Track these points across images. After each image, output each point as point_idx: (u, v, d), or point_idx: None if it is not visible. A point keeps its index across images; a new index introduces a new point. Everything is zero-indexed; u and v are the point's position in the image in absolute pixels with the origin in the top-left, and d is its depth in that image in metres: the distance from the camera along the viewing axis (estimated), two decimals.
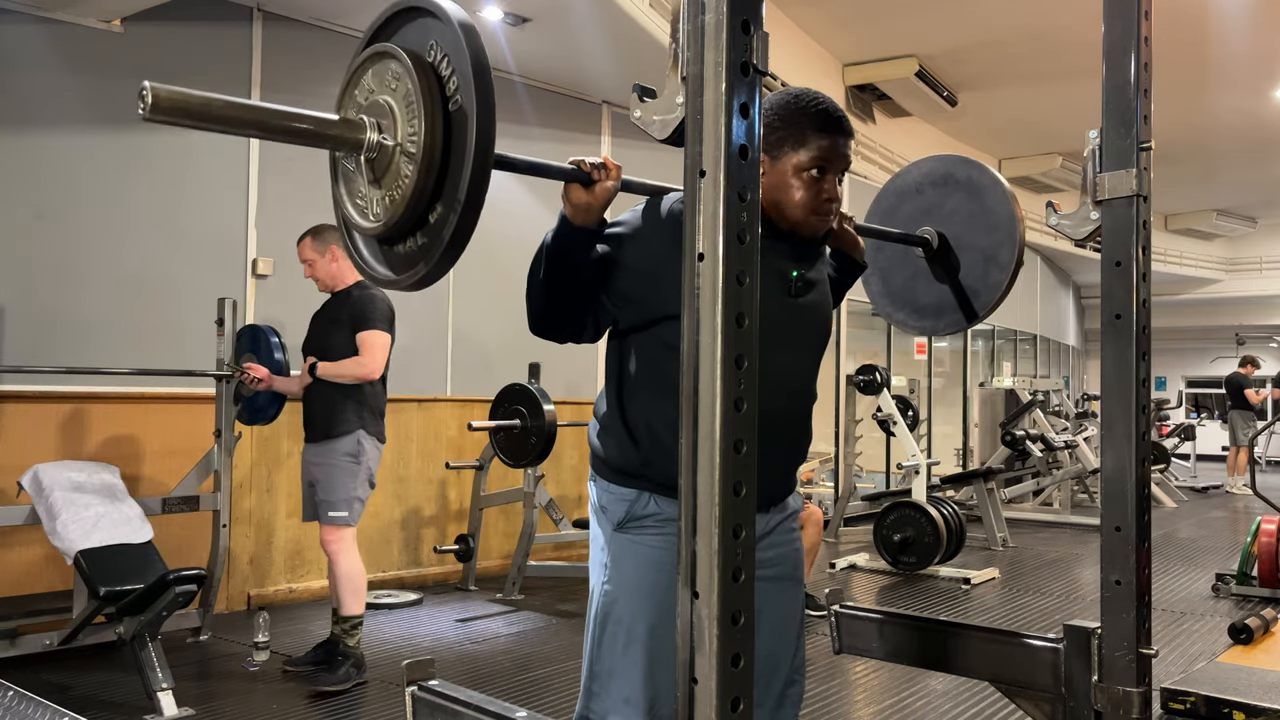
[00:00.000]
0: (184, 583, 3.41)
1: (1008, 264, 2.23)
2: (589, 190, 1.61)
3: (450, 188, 1.42)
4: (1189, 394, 20.33)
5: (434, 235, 1.45)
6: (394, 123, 1.46)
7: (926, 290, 2.36)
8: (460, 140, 1.40)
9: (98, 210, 4.75)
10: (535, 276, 1.70)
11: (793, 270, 1.79)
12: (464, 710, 1.85)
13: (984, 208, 2.27)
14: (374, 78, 1.51)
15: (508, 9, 5.51)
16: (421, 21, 1.48)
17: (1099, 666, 1.84)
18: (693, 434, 1.11)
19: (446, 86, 1.42)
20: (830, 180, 1.75)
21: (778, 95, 1.78)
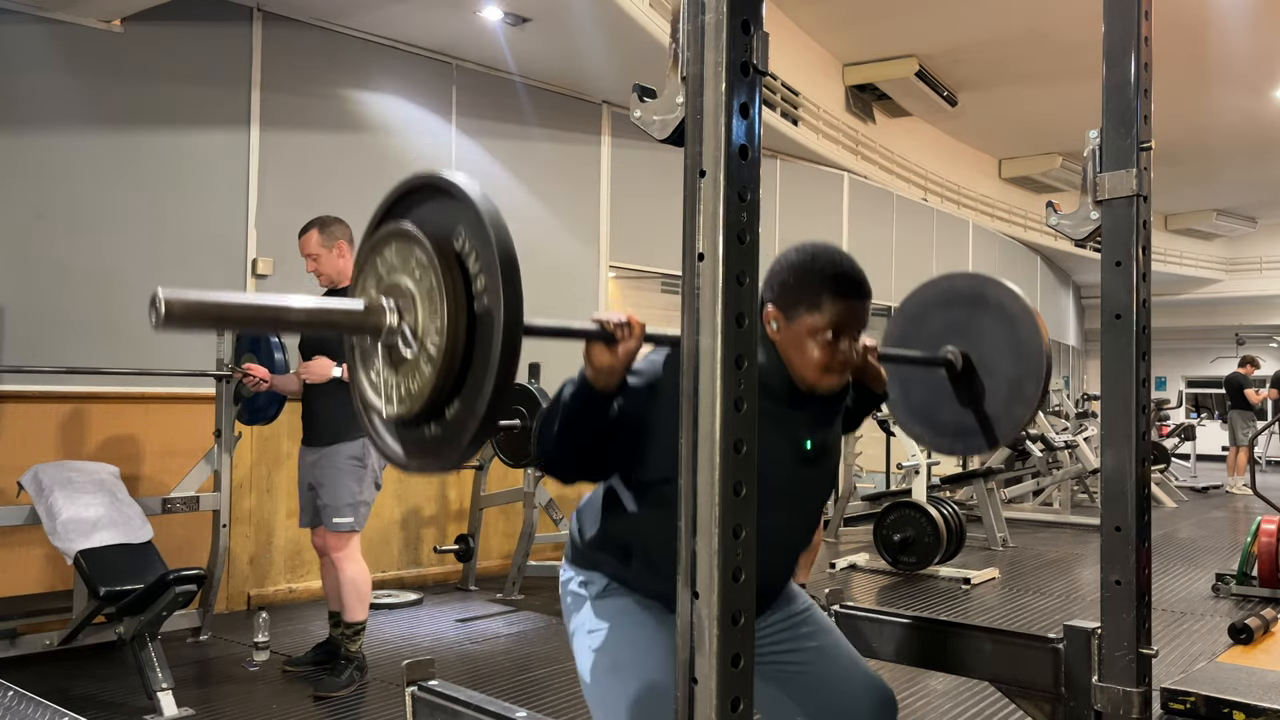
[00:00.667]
0: (184, 583, 3.41)
1: (1032, 399, 2.16)
2: (612, 351, 1.54)
3: (470, 390, 1.32)
4: (1189, 394, 20.32)
5: (449, 432, 1.36)
6: (415, 312, 1.35)
7: (946, 409, 2.28)
8: (485, 345, 1.29)
9: (98, 210, 4.75)
10: (549, 428, 1.65)
11: (808, 441, 1.79)
12: (464, 710, 1.86)
13: (1014, 337, 2.19)
14: (397, 255, 1.40)
15: (508, 9, 5.51)
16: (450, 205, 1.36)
17: (1099, 666, 1.84)
18: (693, 434, 1.11)
19: (473, 285, 1.31)
20: (846, 341, 1.72)
21: (795, 252, 1.74)
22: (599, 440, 1.65)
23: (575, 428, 1.62)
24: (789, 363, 1.73)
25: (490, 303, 1.28)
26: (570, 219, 6.97)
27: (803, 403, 1.77)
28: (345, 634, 3.83)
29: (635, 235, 7.34)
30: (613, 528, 1.79)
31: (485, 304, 1.29)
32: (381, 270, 1.41)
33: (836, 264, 1.72)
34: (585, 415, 1.61)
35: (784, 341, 1.73)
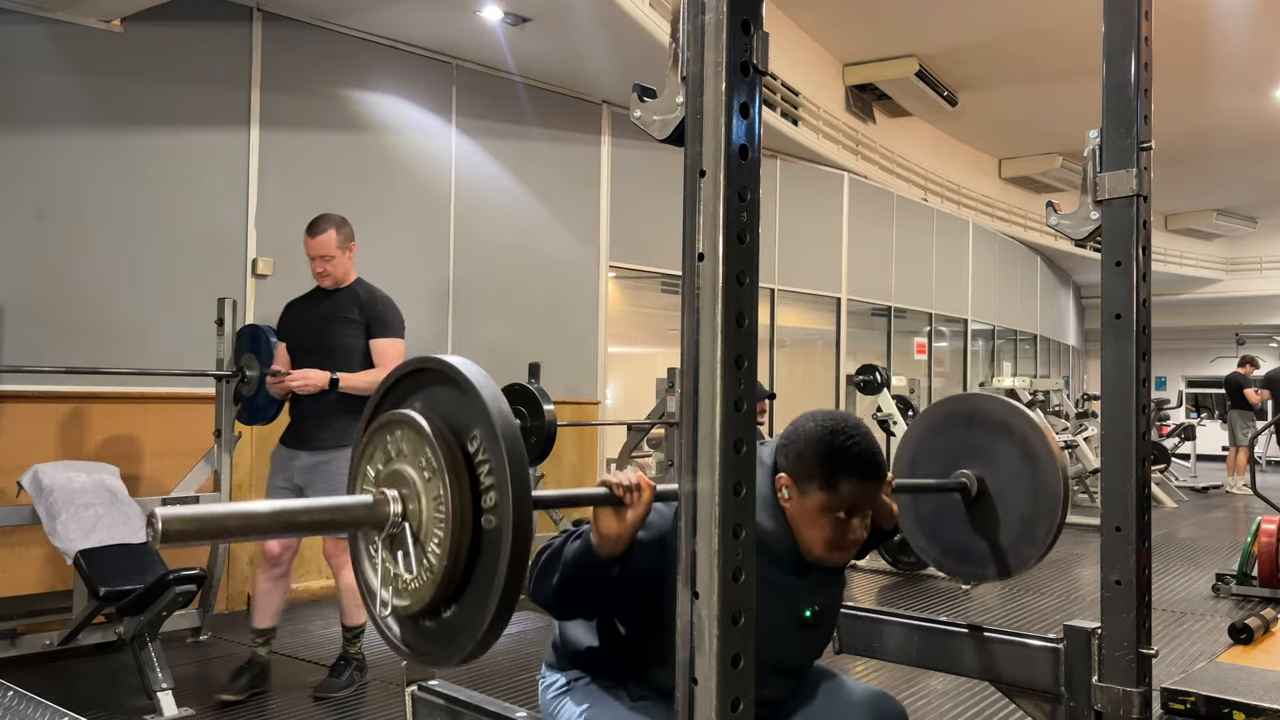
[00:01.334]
0: (184, 583, 3.41)
1: (1042, 542, 2.12)
2: (620, 517, 1.50)
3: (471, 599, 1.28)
4: (1189, 394, 20.32)
5: (447, 633, 1.32)
6: (419, 506, 1.31)
7: (955, 530, 2.25)
8: (489, 562, 1.25)
9: (98, 210, 4.75)
10: (547, 578, 1.62)
11: (808, 610, 1.78)
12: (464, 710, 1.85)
13: (1034, 475, 2.14)
14: (407, 444, 1.34)
15: (508, 9, 5.51)
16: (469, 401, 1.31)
17: (1099, 666, 1.84)
18: (693, 434, 1.11)
19: (483, 498, 1.27)
20: (858, 521, 1.71)
21: (814, 426, 1.71)
22: (598, 597, 1.63)
23: (575, 586, 1.60)
24: (797, 532, 1.71)
25: (499, 521, 1.24)
26: (570, 219, 6.97)
27: (806, 570, 1.74)
28: (345, 635, 3.83)
29: (635, 235, 7.34)
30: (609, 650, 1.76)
31: (494, 522, 1.25)
32: (390, 451, 1.37)
33: (855, 444, 1.68)
34: (587, 578, 1.58)
35: (794, 512, 1.70)
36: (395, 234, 5.89)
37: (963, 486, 2.19)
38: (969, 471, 2.20)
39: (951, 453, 2.24)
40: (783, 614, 1.73)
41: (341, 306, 3.77)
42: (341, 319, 3.75)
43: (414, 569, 1.31)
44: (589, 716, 1.74)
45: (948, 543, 2.26)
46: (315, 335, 3.76)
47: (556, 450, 5.34)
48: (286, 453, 3.77)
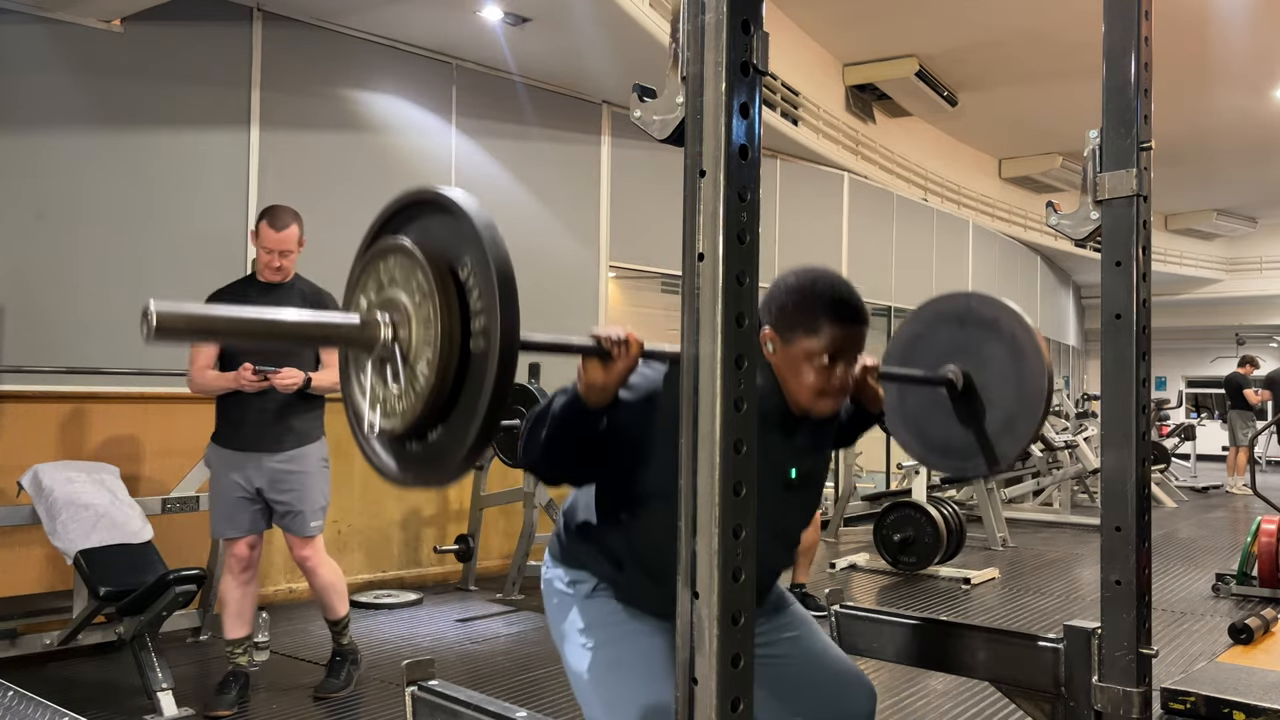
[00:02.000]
0: (184, 583, 3.41)
1: (1024, 437, 2.16)
2: (606, 369, 1.54)
3: (457, 421, 1.31)
4: (1189, 394, 20.32)
5: (435, 454, 1.35)
6: (409, 330, 1.34)
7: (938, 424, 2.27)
8: (475, 385, 1.29)
9: (98, 210, 4.75)
10: (536, 434, 1.64)
11: (793, 469, 1.79)
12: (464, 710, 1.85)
13: (1019, 373, 2.17)
14: (399, 270, 1.37)
15: (508, 9, 5.51)
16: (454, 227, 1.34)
17: (1099, 666, 1.84)
18: (693, 434, 1.11)
19: (472, 324, 1.30)
20: (842, 366, 1.72)
21: (794, 275, 1.75)
22: (585, 452, 1.65)
23: (563, 439, 1.62)
24: (784, 385, 1.73)
25: (487, 346, 1.27)
26: (570, 219, 6.97)
27: (795, 427, 1.76)
28: (334, 630, 3.82)
29: (635, 235, 7.34)
30: (606, 535, 1.78)
31: (482, 345, 1.28)
32: (383, 278, 1.39)
33: (835, 289, 1.71)
34: (574, 429, 1.60)
35: (780, 364, 1.72)
36: None
37: (948, 381, 2.22)
38: (955, 367, 2.23)
39: (940, 350, 2.27)
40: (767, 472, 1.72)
41: (288, 303, 3.55)
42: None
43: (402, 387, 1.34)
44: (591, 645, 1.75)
45: (932, 438, 2.29)
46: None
47: None
48: (238, 456, 3.57)
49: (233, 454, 3.57)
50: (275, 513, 3.62)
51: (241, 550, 3.59)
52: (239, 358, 3.50)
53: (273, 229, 3.55)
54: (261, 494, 3.58)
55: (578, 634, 1.78)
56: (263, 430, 3.55)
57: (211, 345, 3.52)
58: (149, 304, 1.16)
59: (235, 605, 3.63)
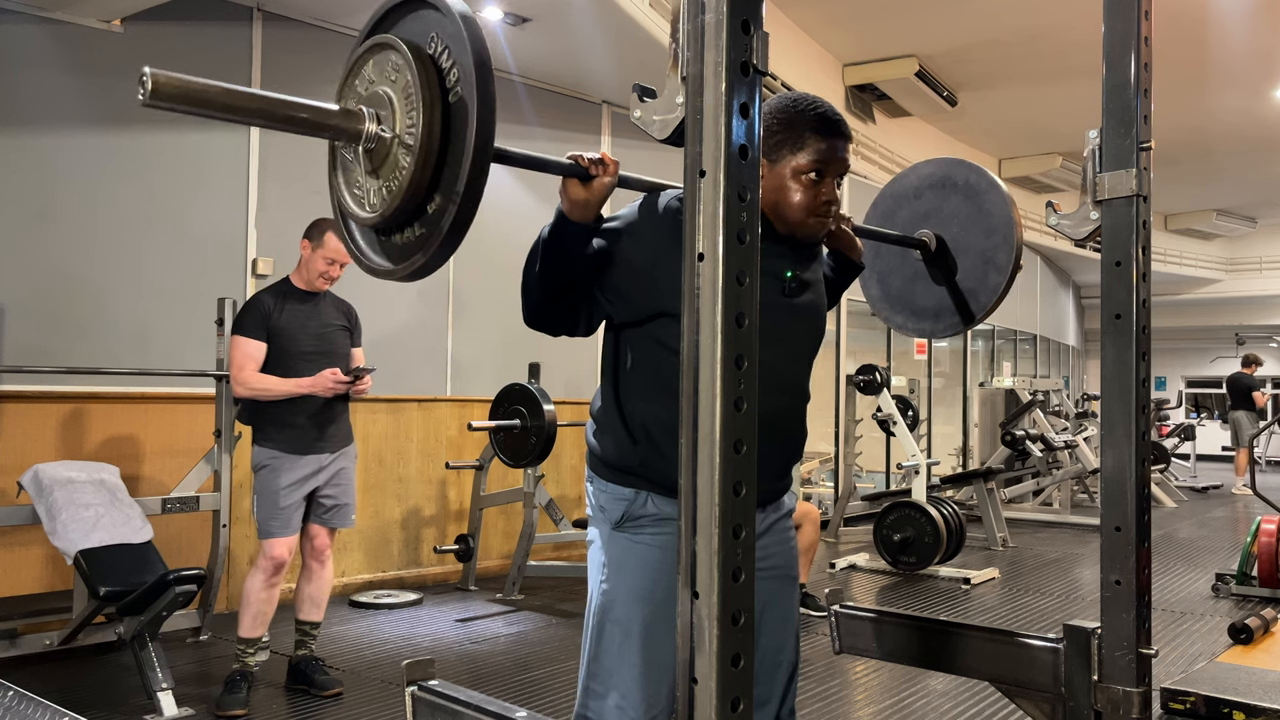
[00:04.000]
0: (184, 583, 3.41)
1: (1005, 266, 2.24)
2: (586, 186, 1.62)
3: (449, 179, 1.41)
4: (1189, 394, 20.33)
5: (432, 226, 1.45)
6: (393, 114, 1.46)
7: (925, 293, 2.37)
8: (460, 132, 1.40)
9: (98, 210, 4.75)
10: (531, 270, 1.72)
11: (788, 271, 1.80)
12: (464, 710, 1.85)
13: (982, 210, 2.28)
14: (374, 69, 1.51)
15: (508, 9, 5.51)
16: (422, 14, 1.48)
17: (1099, 666, 1.84)
18: (693, 434, 1.11)
19: (447, 79, 1.42)
20: (828, 183, 1.76)
21: (776, 99, 1.79)
22: (579, 281, 1.71)
23: (556, 264, 1.68)
24: (772, 208, 1.76)
25: (464, 93, 1.37)
26: None
27: (781, 239, 1.79)
28: (310, 631, 3.82)
29: None
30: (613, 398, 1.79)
31: (459, 94, 1.38)
32: (360, 88, 1.52)
33: (817, 105, 1.76)
34: (564, 248, 1.67)
35: (766, 186, 1.75)
36: None
37: (921, 243, 2.32)
38: (926, 231, 2.33)
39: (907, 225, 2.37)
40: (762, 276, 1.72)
41: (332, 313, 3.78)
42: (339, 326, 3.79)
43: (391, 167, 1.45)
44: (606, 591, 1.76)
45: (922, 308, 2.38)
46: (324, 340, 3.73)
47: (556, 450, 5.34)
48: (301, 459, 3.62)
49: (295, 457, 3.61)
50: (321, 508, 3.71)
51: (283, 552, 3.61)
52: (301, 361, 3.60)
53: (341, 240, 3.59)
54: (314, 493, 3.68)
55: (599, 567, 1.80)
56: (324, 431, 3.67)
57: (258, 349, 3.59)
58: (145, 70, 1.24)
59: (258, 606, 3.64)
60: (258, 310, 3.64)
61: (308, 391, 3.57)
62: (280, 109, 1.47)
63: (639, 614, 1.72)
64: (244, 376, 3.57)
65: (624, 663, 1.72)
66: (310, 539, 3.75)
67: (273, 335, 3.62)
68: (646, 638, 1.71)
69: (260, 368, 3.60)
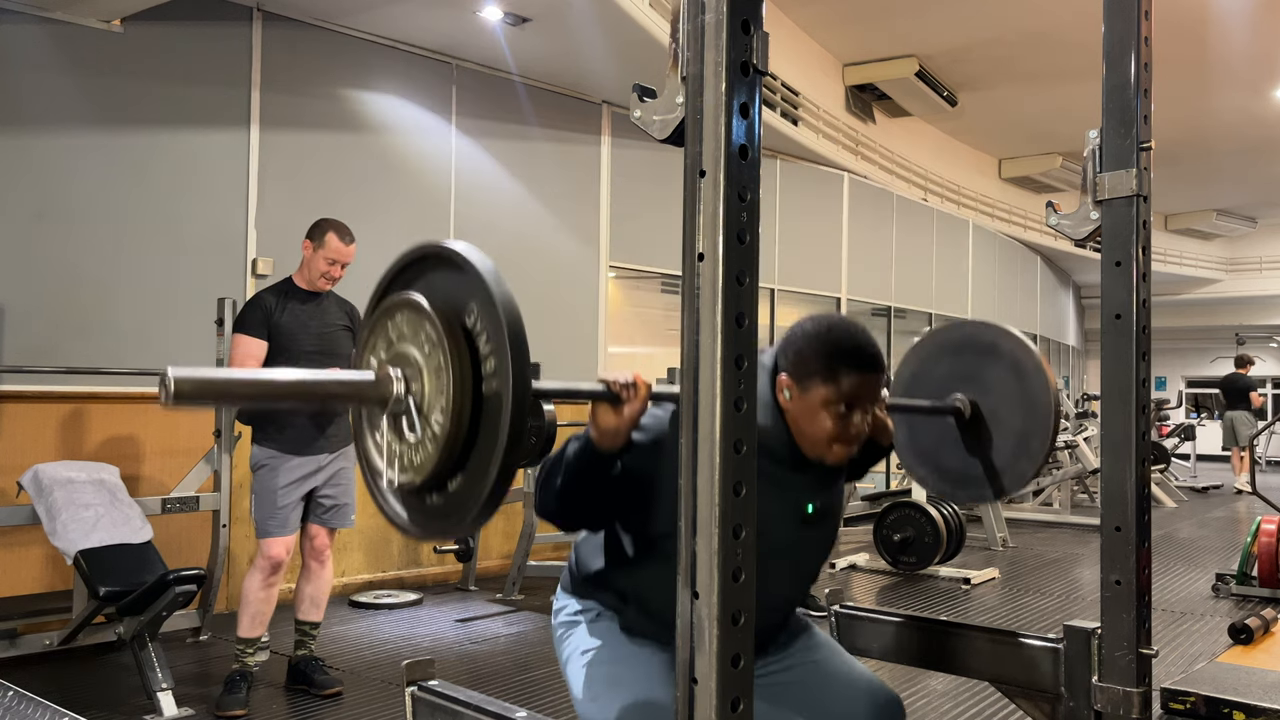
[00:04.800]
0: (184, 583, 3.41)
1: (1037, 455, 2.15)
2: (617, 412, 1.53)
3: (474, 469, 1.31)
4: (1189, 394, 20.32)
5: (453, 505, 1.35)
6: (421, 383, 1.34)
7: (952, 455, 2.27)
8: (489, 428, 1.28)
9: (98, 210, 4.75)
10: (551, 483, 1.65)
11: (809, 505, 1.79)
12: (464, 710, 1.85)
13: (1024, 392, 2.17)
14: (408, 325, 1.37)
15: (508, 9, 5.51)
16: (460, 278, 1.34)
17: (1099, 666, 1.84)
18: (693, 434, 1.11)
19: (483, 366, 1.30)
20: (859, 414, 1.72)
21: (811, 323, 1.75)
22: (601, 497, 1.66)
23: (578, 486, 1.62)
24: (799, 433, 1.72)
25: (499, 386, 1.27)
26: (570, 219, 6.97)
27: (805, 466, 1.76)
28: (311, 631, 3.82)
29: (635, 235, 7.34)
30: (613, 572, 1.79)
31: (494, 387, 1.28)
32: (392, 335, 1.39)
33: (853, 337, 1.71)
34: (589, 475, 1.61)
35: (795, 411, 1.71)
36: (395, 234, 5.89)
37: (956, 409, 2.22)
38: (962, 395, 2.23)
39: (945, 381, 2.27)
40: (784, 508, 1.73)
41: (335, 313, 3.78)
42: (343, 327, 3.79)
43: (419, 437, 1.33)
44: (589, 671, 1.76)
45: (947, 470, 2.29)
46: (326, 340, 3.73)
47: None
48: (301, 459, 3.62)
49: (294, 457, 3.62)
50: (320, 508, 3.71)
51: (280, 552, 3.62)
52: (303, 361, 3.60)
53: (341, 241, 3.68)
54: (313, 493, 3.67)
55: (579, 655, 1.79)
56: (324, 431, 3.67)
57: (259, 347, 3.61)
58: (166, 371, 1.15)
59: (256, 605, 3.64)
60: (259, 309, 3.64)
61: None
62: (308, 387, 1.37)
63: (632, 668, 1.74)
64: None
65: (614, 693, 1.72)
66: (310, 539, 3.75)
67: (274, 334, 3.62)
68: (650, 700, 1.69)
69: (261, 366, 3.59)
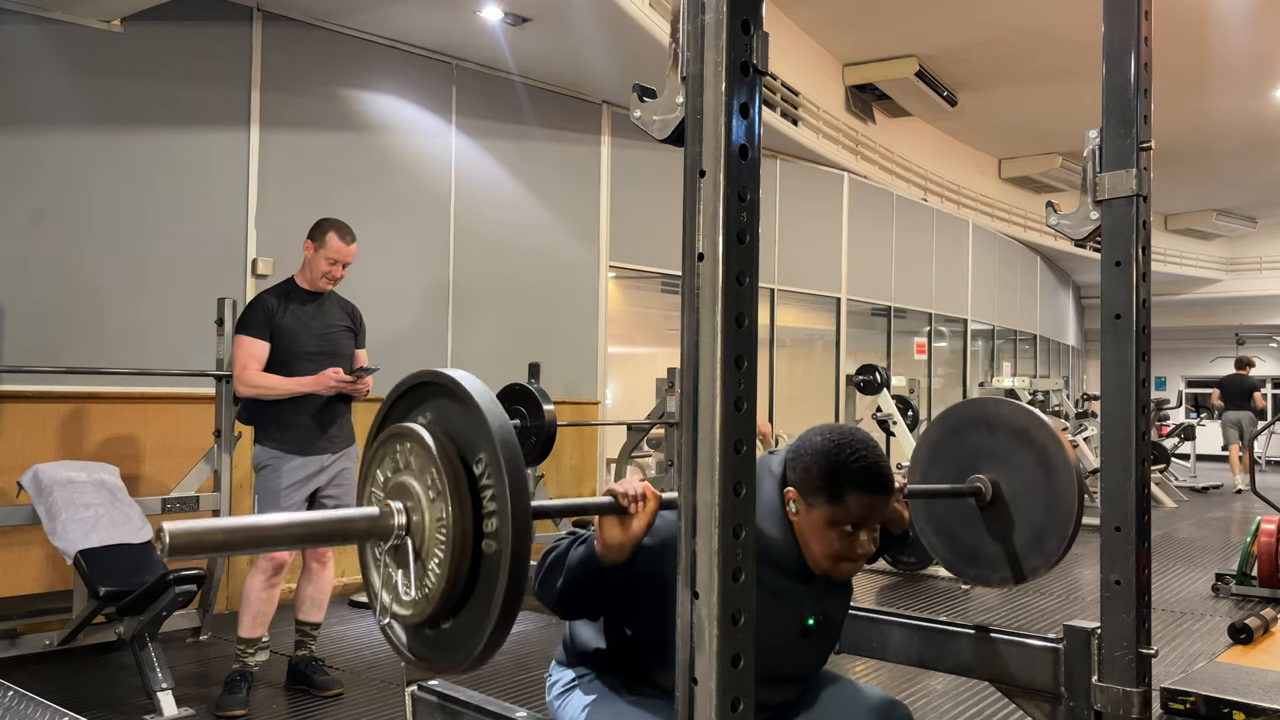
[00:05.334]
0: (184, 583, 3.41)
1: (1052, 554, 2.11)
2: (624, 526, 1.50)
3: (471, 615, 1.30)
4: (1189, 394, 20.32)
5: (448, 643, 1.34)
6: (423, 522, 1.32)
7: (967, 531, 2.23)
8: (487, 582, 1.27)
9: (98, 210, 4.75)
10: (551, 581, 1.63)
11: (810, 618, 1.77)
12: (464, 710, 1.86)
13: (1049, 485, 2.11)
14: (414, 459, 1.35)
15: (508, 9, 5.51)
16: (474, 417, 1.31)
17: (1099, 666, 1.84)
18: (693, 434, 1.11)
19: (484, 523, 1.28)
20: (865, 534, 1.70)
21: (822, 440, 1.71)
22: (603, 600, 1.64)
23: (579, 590, 1.60)
24: (804, 546, 1.71)
25: (499, 547, 1.25)
26: (570, 219, 6.97)
27: (810, 577, 1.74)
28: (311, 632, 3.82)
29: (635, 235, 7.34)
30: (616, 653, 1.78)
31: (494, 546, 1.26)
32: (400, 462, 1.38)
33: (862, 458, 1.68)
34: (591, 583, 1.59)
35: (802, 525, 1.70)
36: (395, 234, 5.90)
37: (977, 491, 2.16)
38: (984, 476, 2.18)
39: (969, 456, 2.22)
40: (784, 621, 1.72)
41: (337, 314, 3.80)
42: (344, 327, 3.80)
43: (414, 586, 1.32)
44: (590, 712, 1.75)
45: (959, 545, 2.25)
46: (328, 340, 3.73)
47: (556, 450, 5.34)
48: (304, 459, 3.63)
49: (297, 457, 3.61)
50: (323, 508, 3.68)
51: (281, 555, 3.62)
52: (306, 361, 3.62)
53: (343, 241, 3.67)
54: (316, 493, 3.67)
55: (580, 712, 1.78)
56: (326, 431, 3.67)
57: (261, 348, 3.61)
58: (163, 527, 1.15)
59: (258, 606, 3.64)
60: (261, 310, 3.65)
61: (310, 391, 3.59)
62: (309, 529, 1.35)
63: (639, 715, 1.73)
64: (247, 376, 3.58)
65: None
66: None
67: (276, 335, 3.63)
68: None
69: (264, 367, 3.60)
